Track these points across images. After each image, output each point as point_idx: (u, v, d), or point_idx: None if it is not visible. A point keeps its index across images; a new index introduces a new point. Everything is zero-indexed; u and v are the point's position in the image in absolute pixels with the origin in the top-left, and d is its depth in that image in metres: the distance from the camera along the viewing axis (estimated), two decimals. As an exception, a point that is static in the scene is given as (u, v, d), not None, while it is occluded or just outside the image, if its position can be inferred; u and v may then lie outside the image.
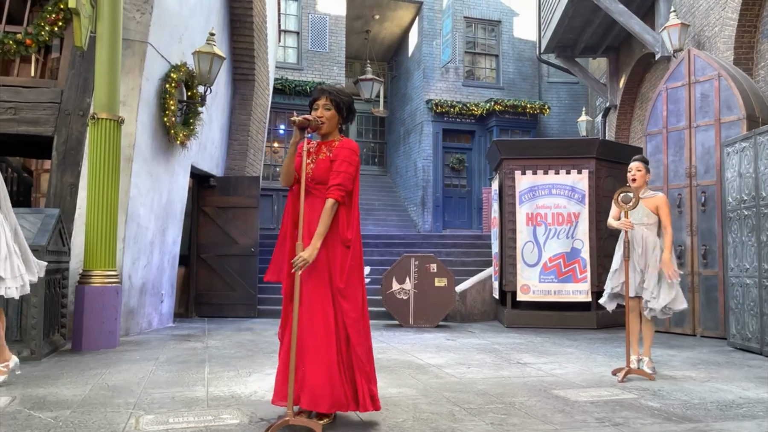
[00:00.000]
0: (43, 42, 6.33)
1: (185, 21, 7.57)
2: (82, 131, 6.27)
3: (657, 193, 4.82)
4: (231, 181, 9.34)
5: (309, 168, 3.11)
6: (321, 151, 3.14)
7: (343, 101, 3.17)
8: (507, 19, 16.43)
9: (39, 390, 3.82)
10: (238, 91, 10.54)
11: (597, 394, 3.81)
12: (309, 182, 3.10)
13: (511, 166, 8.06)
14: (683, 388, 4.03)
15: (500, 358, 5.30)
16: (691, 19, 9.34)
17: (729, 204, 6.12)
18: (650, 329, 4.68)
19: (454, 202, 15.57)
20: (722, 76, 6.77)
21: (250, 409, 3.38)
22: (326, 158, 3.11)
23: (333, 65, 15.10)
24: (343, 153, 3.09)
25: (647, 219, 4.62)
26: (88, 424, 3.05)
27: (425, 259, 7.86)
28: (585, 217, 7.66)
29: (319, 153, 3.14)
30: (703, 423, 3.15)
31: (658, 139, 7.37)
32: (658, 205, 4.64)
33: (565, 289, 7.62)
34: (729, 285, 6.07)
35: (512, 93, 15.95)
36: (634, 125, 12.54)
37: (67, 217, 6.02)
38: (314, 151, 3.15)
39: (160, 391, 3.84)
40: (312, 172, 3.10)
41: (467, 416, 3.26)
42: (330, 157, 3.10)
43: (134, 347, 5.72)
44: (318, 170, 3.09)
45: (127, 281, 6.36)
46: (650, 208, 4.64)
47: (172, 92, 6.92)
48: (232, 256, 8.85)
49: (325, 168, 3.08)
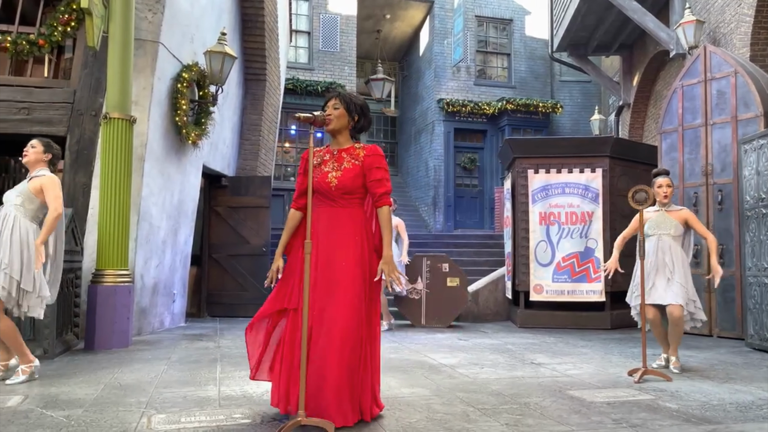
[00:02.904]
0: (55, 42, 6.36)
1: (197, 21, 7.58)
2: (94, 131, 6.29)
3: (682, 207, 4.91)
4: (242, 180, 9.35)
5: (332, 177, 3.05)
6: (344, 159, 3.08)
7: (354, 102, 3.14)
8: (519, 17, 16.34)
9: (51, 389, 3.83)
10: (250, 91, 10.55)
11: (613, 395, 3.75)
12: (334, 192, 3.04)
13: (524, 164, 7.99)
14: (701, 389, 3.96)
15: (514, 358, 5.25)
16: (707, 15, 9.22)
17: (746, 202, 6.03)
18: (679, 334, 4.65)
19: (466, 202, 15.50)
20: (739, 72, 6.67)
21: (261, 408, 3.35)
22: (353, 167, 3.05)
23: (344, 65, 15.08)
24: (377, 161, 3.08)
25: (674, 231, 4.66)
26: (100, 423, 3.04)
27: (437, 259, 7.81)
28: (599, 217, 7.58)
29: (342, 161, 3.07)
30: (722, 425, 3.09)
31: (673, 137, 7.27)
32: (686, 218, 4.72)
33: (579, 289, 7.54)
34: (747, 285, 5.97)
35: (524, 92, 15.85)
36: (648, 123, 12.41)
37: (80, 217, 6.04)
38: (335, 158, 3.09)
39: (172, 390, 3.83)
40: (338, 181, 3.03)
41: (481, 417, 3.22)
42: (360, 165, 3.05)
43: (146, 347, 5.73)
44: (345, 179, 3.03)
45: (139, 281, 6.37)
46: (678, 220, 4.69)
47: (183, 92, 6.93)
48: (243, 255, 8.85)
49: (352, 177, 3.03)
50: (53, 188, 4.14)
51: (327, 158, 3.12)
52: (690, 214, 4.77)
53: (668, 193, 4.73)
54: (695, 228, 4.73)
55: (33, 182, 4.17)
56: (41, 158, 4.27)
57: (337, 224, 3.03)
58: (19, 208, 4.08)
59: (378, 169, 3.06)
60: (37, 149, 4.28)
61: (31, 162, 4.26)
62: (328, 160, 3.10)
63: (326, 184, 3.04)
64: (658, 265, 4.60)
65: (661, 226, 4.66)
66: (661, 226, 4.66)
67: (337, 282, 2.97)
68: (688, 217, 4.73)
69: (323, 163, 3.10)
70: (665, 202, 4.75)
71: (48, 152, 4.31)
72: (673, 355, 4.66)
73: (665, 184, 4.76)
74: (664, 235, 4.64)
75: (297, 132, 14.67)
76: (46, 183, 4.15)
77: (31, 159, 4.26)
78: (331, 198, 3.05)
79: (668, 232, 4.64)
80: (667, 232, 4.64)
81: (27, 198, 4.12)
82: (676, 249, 4.63)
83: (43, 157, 4.28)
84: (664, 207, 4.75)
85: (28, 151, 4.27)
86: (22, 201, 4.10)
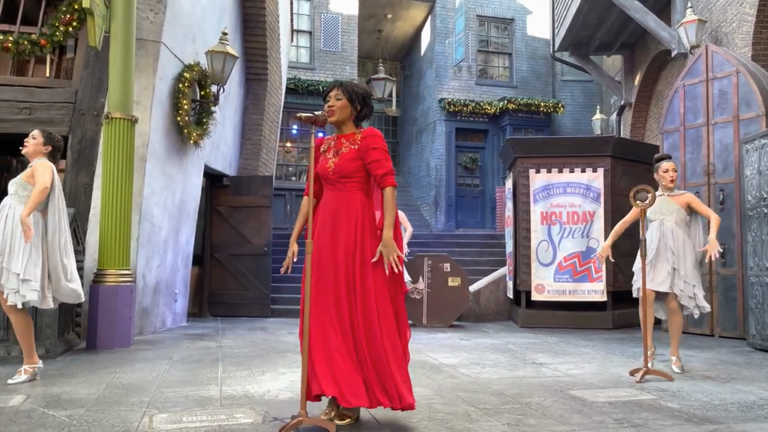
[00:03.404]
0: (57, 42, 6.37)
1: (198, 21, 7.58)
2: (96, 131, 6.30)
3: (684, 191, 4.86)
4: (244, 180, 9.35)
5: (331, 162, 3.06)
6: (343, 145, 3.10)
7: (356, 92, 3.13)
8: (520, 17, 16.33)
9: (53, 388, 3.84)
10: (251, 91, 10.55)
11: (615, 395, 3.75)
12: (332, 176, 3.05)
13: (525, 164, 7.98)
14: (703, 389, 3.96)
15: (515, 358, 5.25)
16: (708, 15, 9.21)
17: (748, 202, 6.02)
18: (679, 325, 4.62)
19: (467, 202, 15.49)
20: (741, 72, 6.66)
21: (263, 408, 3.36)
22: (351, 151, 3.05)
23: (345, 65, 15.08)
24: (373, 141, 3.05)
25: (676, 215, 4.62)
26: (102, 423, 3.05)
27: (439, 259, 7.81)
28: (600, 216, 7.57)
29: (340, 147, 3.10)
30: (724, 425, 3.08)
31: (675, 137, 7.26)
32: (689, 201, 4.67)
33: (580, 289, 7.54)
34: (748, 284, 5.96)
35: (525, 91, 15.84)
36: (649, 123, 12.40)
37: (82, 217, 6.04)
38: (335, 146, 3.12)
39: (174, 390, 3.84)
40: (335, 165, 3.05)
41: (483, 416, 3.22)
42: (356, 149, 3.05)
43: (148, 346, 5.73)
44: (341, 163, 3.04)
45: (141, 280, 6.38)
46: (680, 204, 4.65)
47: (185, 92, 6.93)
48: (245, 255, 8.85)
49: (349, 160, 3.03)
50: (42, 168, 4.09)
51: (331, 145, 3.15)
52: (692, 196, 4.73)
53: (674, 177, 4.70)
54: (698, 209, 4.67)
55: (26, 170, 4.16)
56: (40, 150, 4.23)
57: (339, 208, 3.04)
58: (13, 196, 4.10)
59: (375, 150, 3.03)
60: (37, 140, 4.24)
61: (30, 153, 4.22)
62: (332, 147, 3.14)
63: (326, 170, 3.07)
64: (660, 251, 4.57)
65: (663, 211, 4.62)
66: (663, 211, 4.62)
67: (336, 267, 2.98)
68: (690, 200, 4.67)
69: (328, 150, 3.14)
70: (671, 186, 4.70)
71: (48, 144, 4.26)
72: (674, 354, 4.64)
73: (671, 168, 4.71)
74: (667, 219, 4.60)
75: (298, 132, 14.67)
76: (36, 166, 4.12)
77: (30, 150, 4.22)
78: (331, 183, 3.08)
79: (670, 216, 4.61)
80: (669, 217, 4.60)
81: (20, 185, 4.11)
82: (678, 234, 4.58)
83: (42, 149, 4.24)
84: (667, 192, 4.71)
85: (29, 141, 4.23)
86: (16, 189, 4.11)
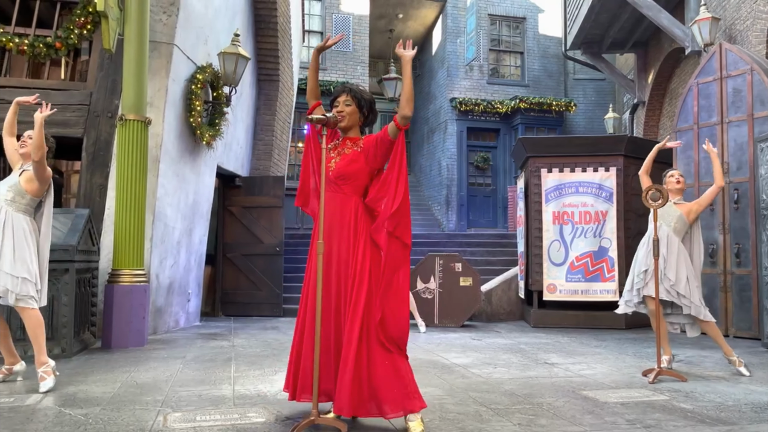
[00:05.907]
0: (72, 45, 6.43)
1: (210, 22, 7.63)
2: (110, 132, 6.36)
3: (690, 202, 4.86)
4: (256, 180, 9.40)
5: (333, 162, 3.08)
6: (345, 146, 3.12)
7: (365, 99, 3.16)
8: (532, 15, 16.26)
9: (70, 387, 3.88)
10: (263, 92, 10.61)
11: (627, 396, 3.74)
12: (332, 176, 3.06)
13: (537, 164, 7.96)
14: (716, 389, 3.94)
15: (527, 358, 5.24)
16: (722, 12, 9.12)
17: (763, 201, 5.96)
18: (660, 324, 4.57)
19: (479, 201, 15.46)
20: (755, 70, 6.60)
21: (276, 407, 3.38)
22: (352, 152, 3.07)
23: (357, 65, 15.10)
24: (372, 135, 3.10)
25: (674, 222, 4.62)
26: (118, 422, 3.09)
27: (450, 258, 7.81)
28: (613, 216, 7.53)
29: (344, 148, 3.12)
30: (737, 426, 3.07)
31: (688, 135, 7.21)
32: (691, 207, 4.67)
33: (593, 289, 7.51)
34: (763, 284, 5.91)
35: (537, 90, 15.78)
36: (663, 122, 12.30)
37: (97, 217, 6.11)
38: (339, 146, 3.14)
39: (188, 389, 3.88)
40: (335, 165, 3.06)
41: (494, 416, 3.22)
42: (358, 151, 3.07)
43: (162, 346, 5.79)
44: (341, 164, 3.05)
45: (154, 280, 6.43)
46: (683, 211, 4.65)
47: (197, 93, 6.99)
48: (257, 255, 8.91)
49: (350, 161, 3.05)
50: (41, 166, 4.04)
51: (337, 144, 3.18)
52: (694, 201, 4.75)
53: (680, 181, 4.75)
54: (704, 197, 4.69)
55: (24, 175, 4.08)
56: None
57: (333, 211, 3.05)
58: (11, 203, 4.02)
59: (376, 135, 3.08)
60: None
61: (26, 154, 4.15)
62: (337, 146, 3.16)
63: (326, 169, 3.09)
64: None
65: (664, 216, 4.63)
66: (665, 216, 4.63)
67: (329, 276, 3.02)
68: (692, 205, 4.69)
69: (333, 149, 3.16)
70: (677, 189, 4.71)
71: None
72: (666, 354, 4.64)
73: (677, 174, 4.80)
74: (665, 225, 4.61)
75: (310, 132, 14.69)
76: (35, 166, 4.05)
77: (27, 151, 4.15)
78: (329, 182, 3.09)
79: (669, 223, 4.61)
80: (667, 223, 4.61)
81: (18, 192, 4.04)
82: (673, 241, 4.57)
83: None
84: (675, 198, 4.71)
85: (26, 143, 4.17)
86: (13, 196, 4.03)
